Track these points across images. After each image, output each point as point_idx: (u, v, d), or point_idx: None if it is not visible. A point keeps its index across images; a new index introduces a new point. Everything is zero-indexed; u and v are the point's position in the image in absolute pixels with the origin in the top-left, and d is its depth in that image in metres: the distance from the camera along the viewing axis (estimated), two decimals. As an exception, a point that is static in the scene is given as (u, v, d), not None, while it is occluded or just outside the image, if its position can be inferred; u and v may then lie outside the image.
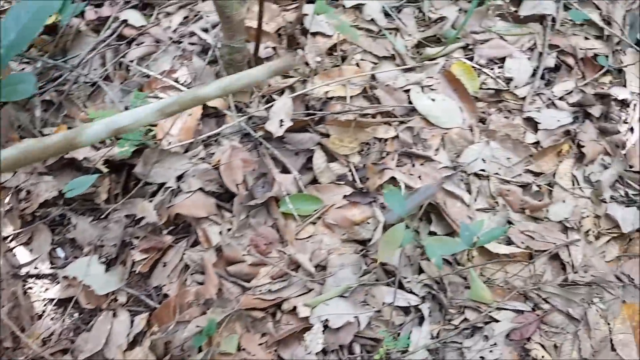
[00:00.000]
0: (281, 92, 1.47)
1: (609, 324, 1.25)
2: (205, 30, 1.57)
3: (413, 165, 1.43)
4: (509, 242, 1.34)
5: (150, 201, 1.33)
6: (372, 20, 1.62)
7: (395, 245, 1.24)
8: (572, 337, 1.24)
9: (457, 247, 1.24)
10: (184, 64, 1.53)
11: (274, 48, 1.51)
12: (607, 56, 1.61)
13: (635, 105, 1.54)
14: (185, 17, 1.66)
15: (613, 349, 1.22)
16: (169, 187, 1.34)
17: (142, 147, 1.37)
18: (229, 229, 1.32)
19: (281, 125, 1.36)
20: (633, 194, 1.42)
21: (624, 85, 1.56)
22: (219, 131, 1.42)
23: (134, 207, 1.35)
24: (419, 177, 1.41)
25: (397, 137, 1.46)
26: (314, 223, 1.35)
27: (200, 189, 1.35)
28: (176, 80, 1.50)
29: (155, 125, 1.43)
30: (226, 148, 1.38)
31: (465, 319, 1.26)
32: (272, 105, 1.41)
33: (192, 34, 1.57)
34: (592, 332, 1.24)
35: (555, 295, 1.28)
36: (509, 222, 1.35)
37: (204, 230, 1.31)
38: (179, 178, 1.36)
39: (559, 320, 1.26)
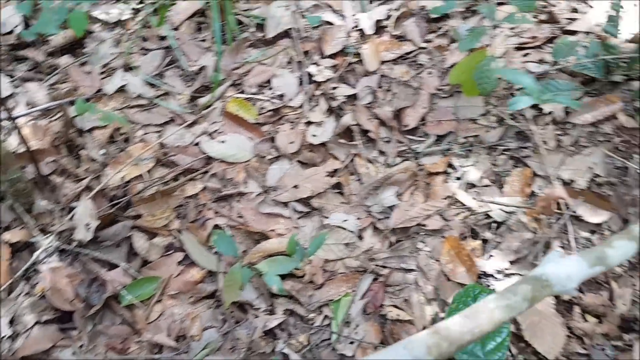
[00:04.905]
0: (78, 197, 1.48)
1: (438, 260, 1.42)
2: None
3: (231, 207, 1.52)
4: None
5: (-10, 359, 1.29)
6: (140, 96, 1.69)
7: (237, 286, 1.32)
8: (415, 286, 1.39)
9: (291, 264, 1.35)
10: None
11: (54, 161, 1.52)
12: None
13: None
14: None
15: (449, 279, 1.39)
16: (4, 336, 1.30)
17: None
18: (81, 346, 1.32)
19: (88, 229, 1.39)
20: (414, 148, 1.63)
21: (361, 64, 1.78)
22: (34, 260, 1.40)
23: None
24: (239, 215, 1.50)
25: (205, 188, 1.55)
26: (159, 301, 1.38)
27: (37, 323, 1.33)
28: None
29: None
30: (46, 273, 1.37)
31: (326, 316, 1.36)
32: (74, 214, 1.43)
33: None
34: (427, 275, 1.40)
35: (389, 258, 1.43)
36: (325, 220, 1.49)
37: (57, 359, 1.30)
38: (12, 322, 1.33)
39: (399, 277, 1.41)
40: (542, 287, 0.61)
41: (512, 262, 1.38)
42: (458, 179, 1.56)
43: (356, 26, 1.85)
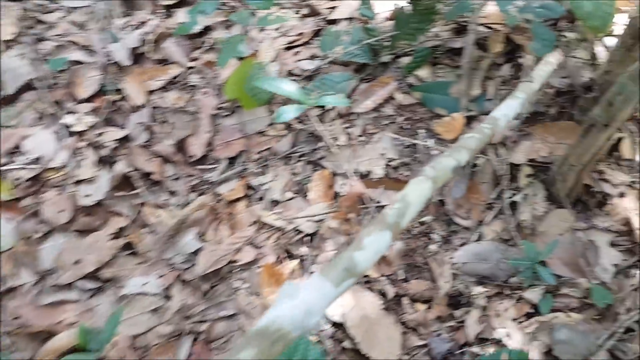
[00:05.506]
0: None
1: (258, 294, 1.29)
2: None
3: (3, 309, 1.24)
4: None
5: None
6: None
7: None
8: (241, 332, 1.25)
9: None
10: None
11: None
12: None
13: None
14: None
15: (274, 312, 1.27)
16: None
17: None
18: None
19: None
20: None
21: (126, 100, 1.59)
22: None
23: None
24: (15, 316, 1.22)
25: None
26: None
27: None
28: None
29: None
30: None
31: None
32: None
33: None
34: (251, 314, 1.26)
35: (206, 310, 1.27)
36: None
37: None
38: None
39: (222, 327, 1.25)
40: (273, 343, 0.47)
41: (332, 274, 1.30)
42: (260, 199, 1.44)
43: (110, 59, 1.64)
